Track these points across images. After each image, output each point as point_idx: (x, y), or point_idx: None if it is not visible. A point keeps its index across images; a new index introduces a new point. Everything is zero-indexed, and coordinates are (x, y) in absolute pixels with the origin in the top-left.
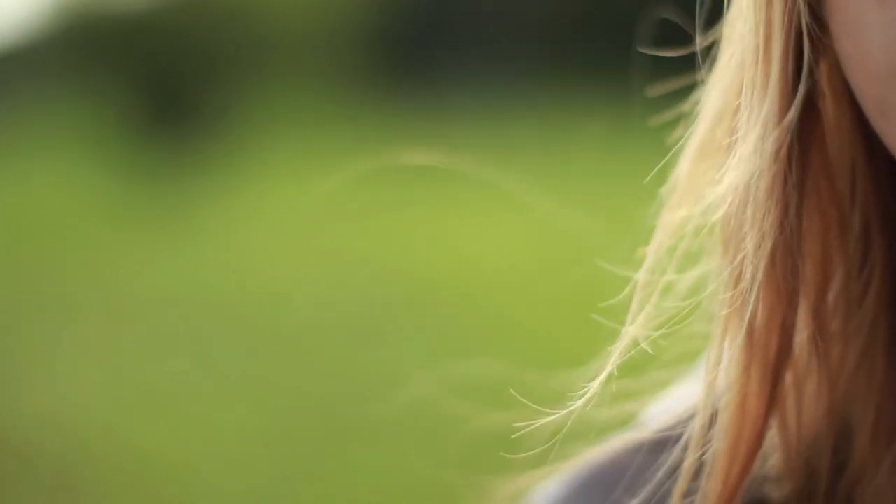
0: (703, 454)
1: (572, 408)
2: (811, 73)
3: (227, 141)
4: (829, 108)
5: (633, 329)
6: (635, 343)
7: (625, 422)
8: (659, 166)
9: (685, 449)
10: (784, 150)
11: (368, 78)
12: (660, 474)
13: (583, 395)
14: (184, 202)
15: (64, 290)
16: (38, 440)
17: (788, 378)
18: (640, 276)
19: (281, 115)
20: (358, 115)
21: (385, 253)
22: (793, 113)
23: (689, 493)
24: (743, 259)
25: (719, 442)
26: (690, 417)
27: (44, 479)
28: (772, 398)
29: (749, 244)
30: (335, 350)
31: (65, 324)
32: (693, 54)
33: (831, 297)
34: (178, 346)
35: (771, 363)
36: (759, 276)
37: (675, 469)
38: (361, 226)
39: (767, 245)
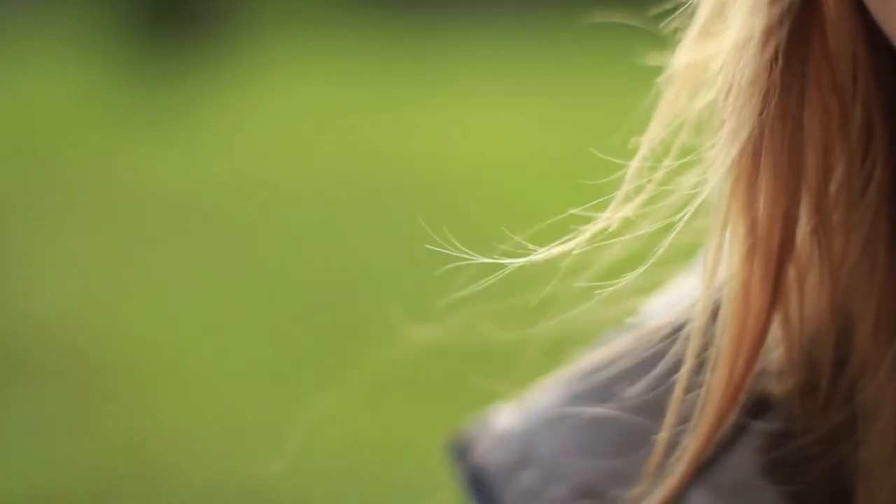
0: (705, 349)
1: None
2: None
3: (229, 41)
4: None
5: (617, 215)
6: (606, 229)
7: (625, 319)
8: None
9: (687, 344)
10: (786, 40)
11: None
12: (659, 369)
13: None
14: (185, 102)
15: (64, 190)
16: (34, 339)
17: (791, 272)
18: (634, 163)
19: (283, 16)
20: (360, 16)
21: (388, 150)
22: None
23: (692, 387)
24: (747, 149)
25: (723, 336)
26: (692, 312)
27: (41, 378)
28: (775, 291)
29: (754, 134)
30: (339, 245)
31: (64, 223)
32: None
33: (833, 188)
34: (179, 244)
35: (774, 256)
36: (765, 166)
37: (677, 363)
38: (365, 123)
39: (772, 136)
